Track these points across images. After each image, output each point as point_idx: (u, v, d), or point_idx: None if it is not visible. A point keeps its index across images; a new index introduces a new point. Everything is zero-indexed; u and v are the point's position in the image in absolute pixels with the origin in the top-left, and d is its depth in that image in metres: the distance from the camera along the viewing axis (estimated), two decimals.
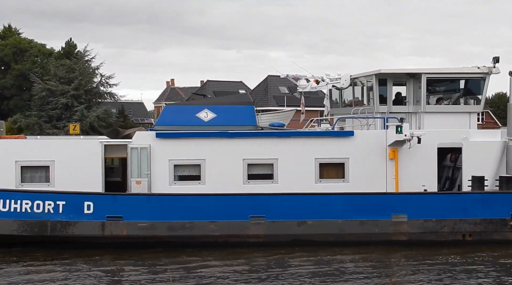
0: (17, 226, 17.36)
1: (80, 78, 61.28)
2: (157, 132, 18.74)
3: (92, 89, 62.90)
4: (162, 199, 17.91)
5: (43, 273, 15.29)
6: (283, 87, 74.23)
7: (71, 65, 62.67)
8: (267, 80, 75.65)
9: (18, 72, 67.97)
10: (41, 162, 18.28)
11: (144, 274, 15.38)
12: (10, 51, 69.52)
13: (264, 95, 73.50)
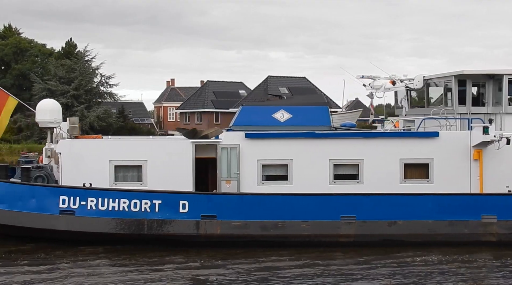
0: (115, 224, 17.62)
1: (80, 78, 61.34)
2: (246, 133, 18.95)
3: (92, 89, 62.96)
4: (255, 199, 18.09)
5: (141, 273, 15.40)
6: (283, 88, 74.23)
7: (71, 65, 62.72)
8: (267, 80, 75.65)
9: (18, 72, 68.03)
10: (134, 162, 18.50)
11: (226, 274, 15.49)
12: (10, 51, 69.59)
13: (264, 95, 73.49)
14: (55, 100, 70.05)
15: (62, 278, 14.62)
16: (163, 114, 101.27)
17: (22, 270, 15.25)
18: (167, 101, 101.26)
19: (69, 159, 18.23)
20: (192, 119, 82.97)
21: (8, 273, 14.97)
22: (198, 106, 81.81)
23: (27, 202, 17.67)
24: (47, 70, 65.91)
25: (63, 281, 14.45)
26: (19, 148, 47.01)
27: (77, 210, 17.57)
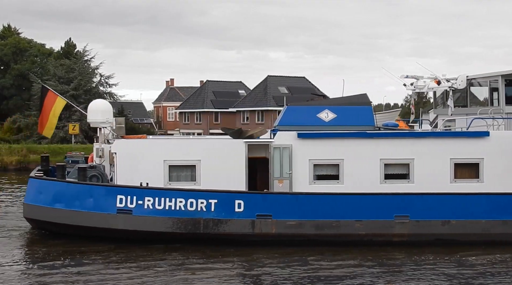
0: (171, 223, 17.73)
1: (79, 78, 61.32)
2: (298, 133, 18.97)
3: (91, 89, 62.91)
4: (310, 198, 18.17)
5: (199, 271, 15.49)
6: (283, 88, 74.25)
7: (70, 65, 62.70)
8: (267, 80, 75.64)
9: (18, 72, 67.99)
10: (188, 161, 18.57)
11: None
12: (10, 51, 69.55)
13: (264, 95, 73.49)
14: None
15: (120, 279, 14.71)
16: (162, 114, 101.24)
17: (91, 270, 15.36)
18: (166, 101, 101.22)
19: (124, 159, 18.31)
20: (191, 119, 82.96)
21: (71, 273, 15.06)
22: (197, 106, 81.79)
23: (84, 201, 17.83)
24: (46, 70, 65.88)
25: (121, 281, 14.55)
26: (19, 148, 46.90)
27: (134, 209, 17.69)
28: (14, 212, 23.87)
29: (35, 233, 19.37)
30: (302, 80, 77.41)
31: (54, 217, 18.06)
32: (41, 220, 18.44)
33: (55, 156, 46.10)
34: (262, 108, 72.40)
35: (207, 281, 14.58)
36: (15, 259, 16.43)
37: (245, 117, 75.05)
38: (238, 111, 75.98)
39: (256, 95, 75.25)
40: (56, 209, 17.96)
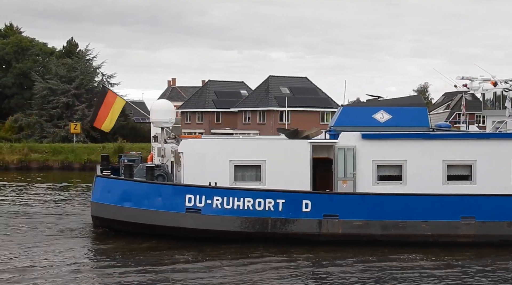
0: (240, 223, 17.89)
1: (81, 77, 61.30)
2: (362, 133, 19.14)
3: (93, 89, 62.91)
4: (376, 199, 18.30)
5: (267, 269, 15.61)
6: (284, 88, 74.10)
7: (72, 64, 62.67)
8: (268, 80, 75.49)
9: (19, 71, 67.97)
10: (254, 161, 18.75)
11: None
12: (12, 50, 69.52)
13: (265, 95, 73.36)
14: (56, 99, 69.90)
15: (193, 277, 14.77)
16: None
17: (165, 269, 15.40)
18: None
19: (191, 158, 18.50)
20: (193, 119, 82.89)
21: (146, 272, 15.11)
22: (199, 106, 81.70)
23: (153, 200, 17.99)
24: (48, 69, 65.85)
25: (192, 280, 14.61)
26: (20, 147, 46.81)
27: (203, 208, 17.88)
28: (72, 211, 24.06)
29: (98, 232, 19.44)
30: (304, 81, 77.27)
31: (122, 216, 18.15)
32: (109, 218, 18.47)
33: (56, 155, 46.14)
34: (264, 109, 72.27)
35: (275, 280, 14.64)
36: (87, 256, 16.69)
37: (247, 117, 74.96)
38: (240, 111, 75.88)
39: (257, 95, 75.14)
40: (125, 208, 18.06)
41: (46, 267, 15.10)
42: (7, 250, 16.75)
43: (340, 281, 14.68)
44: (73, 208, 24.94)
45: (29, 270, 14.74)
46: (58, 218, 22.04)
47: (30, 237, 18.57)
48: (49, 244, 17.61)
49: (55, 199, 27.78)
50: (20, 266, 15.12)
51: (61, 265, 15.34)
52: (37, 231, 19.48)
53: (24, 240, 17.99)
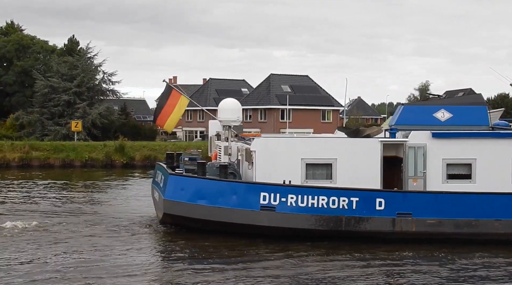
0: (314, 221, 18.06)
1: (82, 75, 61.25)
2: (433, 132, 19.35)
3: (94, 87, 62.87)
4: (449, 197, 18.43)
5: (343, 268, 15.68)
6: (286, 86, 74.07)
7: (73, 62, 62.64)
8: (270, 78, 75.44)
9: (21, 68, 67.96)
10: (325, 160, 18.96)
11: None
12: (13, 48, 69.49)
13: (267, 94, 73.31)
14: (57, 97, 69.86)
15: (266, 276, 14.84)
16: None
17: (242, 267, 15.46)
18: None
19: (263, 157, 18.71)
20: (194, 117, 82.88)
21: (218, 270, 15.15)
22: (200, 103, 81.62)
23: (228, 198, 18.18)
24: (49, 67, 65.83)
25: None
26: (21, 145, 46.80)
27: (277, 206, 18.02)
28: (128, 207, 24.39)
29: (168, 229, 19.56)
30: (305, 79, 77.22)
31: (196, 213, 18.37)
32: (182, 215, 18.68)
33: (57, 153, 46.10)
34: (265, 107, 72.21)
35: (350, 278, 14.66)
36: (158, 254, 16.76)
37: (248, 115, 74.92)
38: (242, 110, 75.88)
39: (259, 93, 75.09)
40: (199, 205, 18.28)
41: (121, 265, 15.00)
42: (70, 249, 16.65)
43: (419, 281, 14.73)
44: (126, 205, 25.01)
45: (99, 269, 14.67)
46: (119, 215, 22.06)
47: (100, 237, 18.45)
48: (121, 243, 17.54)
49: (104, 197, 27.82)
50: (90, 265, 15.02)
51: (136, 264, 15.32)
52: (104, 230, 19.39)
53: (95, 240, 17.84)
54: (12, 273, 14.11)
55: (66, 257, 15.75)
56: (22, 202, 25.74)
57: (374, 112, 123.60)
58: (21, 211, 23.04)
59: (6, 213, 22.33)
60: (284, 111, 71.04)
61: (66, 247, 16.84)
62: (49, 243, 17.25)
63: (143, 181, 36.01)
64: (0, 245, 16.83)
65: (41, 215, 21.89)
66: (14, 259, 15.41)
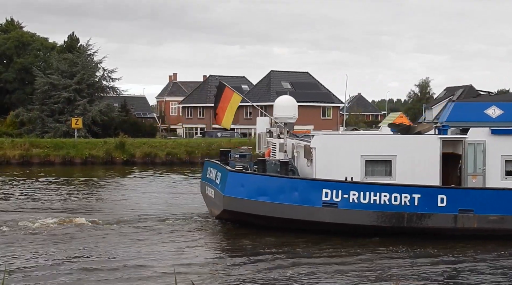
0: (376, 217, 18.17)
1: (82, 72, 61.13)
2: (492, 129, 19.50)
3: (94, 84, 62.75)
4: (510, 193, 18.55)
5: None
6: (286, 83, 73.95)
7: (73, 59, 62.50)
8: (270, 75, 75.32)
9: (20, 66, 67.83)
10: (385, 157, 19.14)
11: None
12: (12, 45, 69.35)
13: (267, 90, 73.19)
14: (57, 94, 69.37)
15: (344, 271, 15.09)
16: (165, 108, 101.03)
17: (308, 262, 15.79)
18: (169, 95, 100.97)
19: (323, 154, 18.89)
20: (194, 114, 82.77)
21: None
22: (200, 100, 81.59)
23: (289, 194, 18.30)
24: (49, 64, 65.71)
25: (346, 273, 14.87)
26: (21, 142, 46.74)
27: (339, 202, 18.17)
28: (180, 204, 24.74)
29: (225, 225, 19.86)
30: (305, 76, 77.09)
31: (258, 210, 18.49)
32: (243, 212, 18.81)
33: (57, 150, 46.04)
34: (265, 104, 72.09)
35: (411, 275, 14.76)
36: (219, 250, 17.08)
37: (248, 112, 74.84)
38: (241, 106, 75.75)
39: (259, 90, 74.99)
40: (260, 202, 18.40)
41: (181, 264, 15.12)
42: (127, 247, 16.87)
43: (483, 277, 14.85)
44: (173, 202, 25.33)
45: (156, 266, 14.77)
46: (170, 212, 22.33)
47: (160, 233, 18.70)
48: (179, 240, 17.83)
49: (148, 194, 28.02)
50: (145, 264, 15.07)
51: (198, 259, 15.59)
52: (159, 227, 19.63)
53: (146, 237, 18.03)
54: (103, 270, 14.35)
55: (128, 251, 16.16)
56: (63, 200, 25.79)
57: (374, 109, 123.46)
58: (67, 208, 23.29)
59: (84, 211, 22.47)
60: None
61: (132, 242, 17.27)
62: (121, 239, 17.67)
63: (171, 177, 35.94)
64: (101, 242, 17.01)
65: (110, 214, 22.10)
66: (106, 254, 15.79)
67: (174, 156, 46.93)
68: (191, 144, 49.72)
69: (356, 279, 14.36)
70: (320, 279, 14.20)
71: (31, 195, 27.09)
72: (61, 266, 14.56)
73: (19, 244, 16.65)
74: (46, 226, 19.04)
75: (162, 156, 46.78)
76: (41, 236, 17.74)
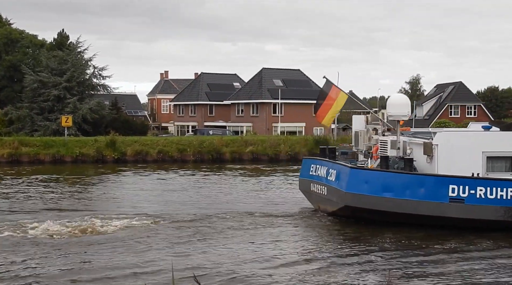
0: (503, 212, 18.68)
1: (72, 70, 60.56)
2: None
3: (84, 81, 62.19)
4: None
5: None
6: (278, 80, 73.72)
7: (63, 57, 61.91)
8: (262, 72, 75.06)
9: (9, 63, 67.17)
10: (506, 153, 19.79)
11: None
12: (1, 42, 68.67)
13: (259, 88, 72.91)
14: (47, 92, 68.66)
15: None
16: (156, 106, 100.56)
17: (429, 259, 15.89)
18: (161, 93, 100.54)
19: (445, 150, 19.51)
20: (186, 111, 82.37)
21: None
22: (192, 98, 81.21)
23: (416, 190, 18.87)
24: (39, 62, 65.08)
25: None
26: (10, 140, 46.16)
27: (466, 198, 18.67)
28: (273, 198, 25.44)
29: (348, 222, 20.19)
30: (297, 73, 76.89)
31: (384, 205, 19.07)
32: (367, 208, 19.36)
33: (47, 149, 45.51)
34: (257, 101, 71.85)
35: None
36: (349, 248, 16.95)
37: (240, 110, 74.52)
38: (233, 104, 75.44)
39: (250, 87, 74.71)
40: (386, 198, 19.00)
41: (299, 262, 15.16)
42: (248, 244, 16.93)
43: None
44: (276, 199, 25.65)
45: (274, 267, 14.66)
46: (279, 210, 22.60)
47: (272, 227, 19.05)
48: (297, 238, 18.10)
49: (246, 191, 28.25)
50: (269, 264, 14.89)
51: (330, 261, 15.52)
52: (276, 220, 20.21)
53: (258, 235, 18.05)
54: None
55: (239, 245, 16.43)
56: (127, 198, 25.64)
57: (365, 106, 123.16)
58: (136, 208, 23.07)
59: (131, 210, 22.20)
60: (276, 106, 70.69)
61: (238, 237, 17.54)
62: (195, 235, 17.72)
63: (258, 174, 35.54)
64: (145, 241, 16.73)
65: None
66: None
67: (166, 154, 46.54)
68: (183, 142, 49.30)
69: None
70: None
71: (30, 195, 26.64)
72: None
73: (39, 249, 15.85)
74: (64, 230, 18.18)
75: (154, 153, 46.38)
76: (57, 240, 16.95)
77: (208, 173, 37.76)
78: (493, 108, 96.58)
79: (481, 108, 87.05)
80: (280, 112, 70.38)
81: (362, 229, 19.09)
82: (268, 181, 33.00)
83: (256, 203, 24.33)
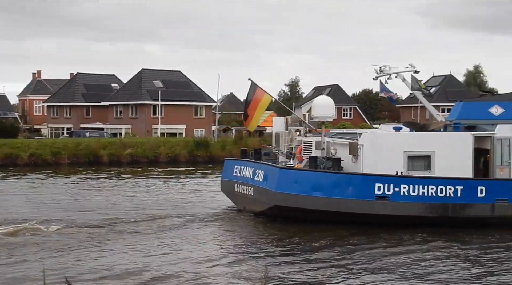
0: (424, 208, 19.50)
1: None
2: None
3: None
4: None
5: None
6: (158, 81, 72.49)
7: None
8: (141, 74, 73.50)
9: None
10: (425, 152, 20.60)
11: None
12: None
13: (138, 89, 71.30)
14: None
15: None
16: (28, 107, 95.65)
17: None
18: (33, 94, 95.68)
19: (370, 150, 20.00)
20: (60, 113, 78.86)
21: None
22: (67, 99, 77.89)
23: (344, 189, 19.36)
24: None
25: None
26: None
27: (391, 195, 19.35)
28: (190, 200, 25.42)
29: (265, 220, 20.45)
30: (177, 74, 76.15)
31: (313, 204, 19.49)
32: (297, 207, 19.64)
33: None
34: (136, 102, 70.33)
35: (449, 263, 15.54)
36: (275, 246, 17.23)
37: (118, 111, 72.56)
38: (111, 105, 73.28)
39: (129, 88, 72.96)
40: (315, 197, 19.45)
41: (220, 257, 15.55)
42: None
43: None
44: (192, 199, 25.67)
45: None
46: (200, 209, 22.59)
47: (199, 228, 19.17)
48: (223, 236, 18.38)
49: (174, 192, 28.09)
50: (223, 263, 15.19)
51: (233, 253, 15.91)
52: (196, 222, 20.16)
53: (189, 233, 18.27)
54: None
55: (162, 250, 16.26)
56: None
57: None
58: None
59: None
60: (156, 107, 69.58)
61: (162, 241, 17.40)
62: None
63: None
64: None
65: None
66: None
67: (39, 157, 44.17)
68: (57, 144, 47.09)
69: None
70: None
71: None
72: None
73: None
74: None
75: (25, 157, 43.86)
76: None
77: (85, 176, 36.31)
78: (367, 110, 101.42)
79: (356, 110, 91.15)
80: (160, 114, 69.38)
81: (290, 228, 19.36)
82: (183, 183, 32.73)
83: (166, 206, 23.92)
